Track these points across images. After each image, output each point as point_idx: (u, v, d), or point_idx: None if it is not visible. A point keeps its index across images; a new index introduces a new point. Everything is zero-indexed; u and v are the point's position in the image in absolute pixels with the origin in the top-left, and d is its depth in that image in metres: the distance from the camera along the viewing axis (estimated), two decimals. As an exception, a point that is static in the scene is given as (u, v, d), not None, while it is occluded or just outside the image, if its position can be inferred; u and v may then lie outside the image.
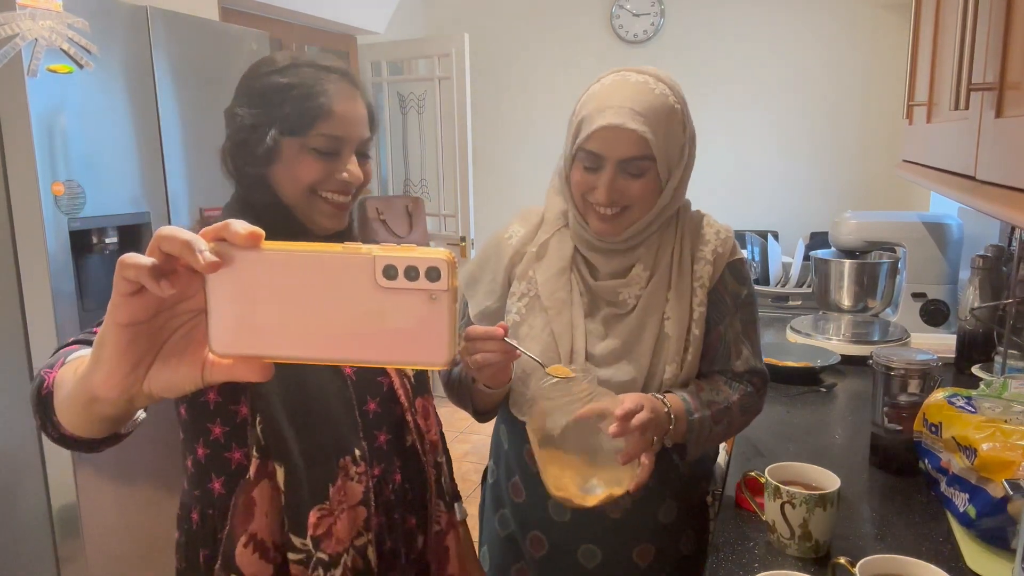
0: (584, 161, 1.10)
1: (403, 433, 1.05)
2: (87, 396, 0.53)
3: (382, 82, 4.17)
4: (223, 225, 0.43)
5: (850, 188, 3.79)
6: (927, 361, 1.45)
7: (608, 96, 1.08)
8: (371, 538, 0.97)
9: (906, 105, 1.68)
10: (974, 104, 0.94)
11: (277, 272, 0.43)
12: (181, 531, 1.00)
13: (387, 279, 0.42)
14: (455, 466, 1.24)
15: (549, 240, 1.20)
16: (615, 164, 1.07)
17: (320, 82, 0.95)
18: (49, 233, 1.73)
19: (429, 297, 0.43)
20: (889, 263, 2.14)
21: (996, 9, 0.88)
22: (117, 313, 0.46)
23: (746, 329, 1.20)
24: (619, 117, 1.05)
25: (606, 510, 1.12)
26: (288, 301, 0.43)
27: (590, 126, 1.07)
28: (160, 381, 0.48)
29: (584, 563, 1.21)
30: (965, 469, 1.08)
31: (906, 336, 1.98)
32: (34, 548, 1.87)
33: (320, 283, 0.43)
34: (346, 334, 0.43)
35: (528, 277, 1.19)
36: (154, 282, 0.43)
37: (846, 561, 0.89)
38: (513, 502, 1.26)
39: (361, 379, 1.01)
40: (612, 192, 1.08)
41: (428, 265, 0.42)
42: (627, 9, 3.99)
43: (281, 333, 0.44)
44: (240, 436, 0.94)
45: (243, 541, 0.90)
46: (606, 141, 1.06)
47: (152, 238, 0.44)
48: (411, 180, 4.44)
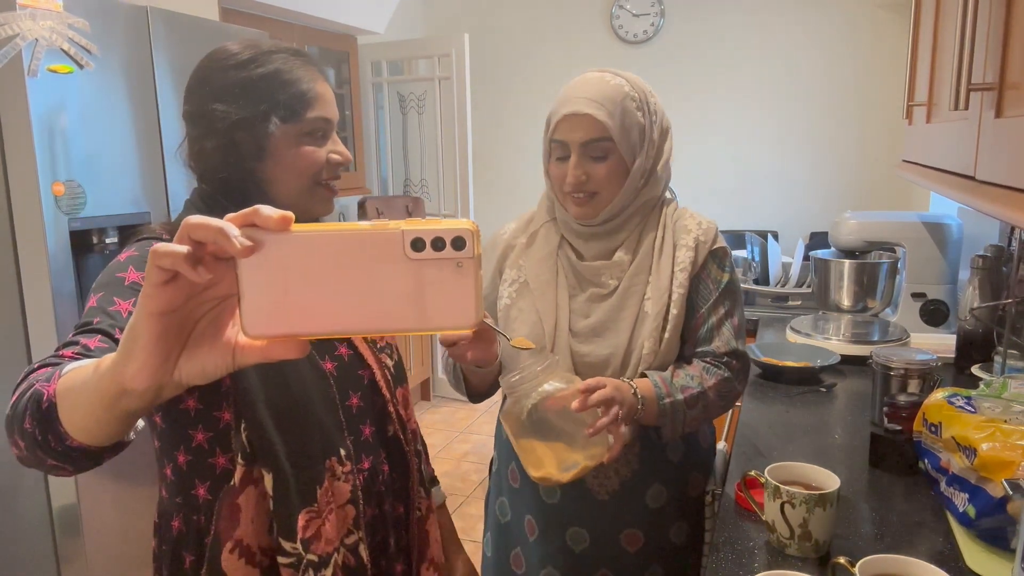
0: (556, 152, 1.22)
1: (386, 424, 1.06)
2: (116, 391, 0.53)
3: (382, 82, 4.17)
4: (252, 211, 0.45)
5: (850, 188, 3.79)
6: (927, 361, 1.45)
7: (570, 92, 1.21)
8: (362, 536, 0.96)
9: (906, 105, 1.68)
10: (974, 104, 0.94)
11: (308, 253, 0.45)
12: (160, 540, 0.98)
13: (415, 251, 0.45)
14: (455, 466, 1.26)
15: (538, 231, 1.32)
16: (578, 148, 1.19)
17: (295, 66, 0.95)
18: (49, 233, 1.73)
19: (456, 265, 0.45)
20: (889, 263, 2.14)
21: (996, 9, 0.88)
22: (151, 303, 0.47)
23: (728, 313, 1.25)
24: (577, 105, 1.17)
25: (593, 491, 1.23)
26: (320, 280, 0.45)
27: (555, 119, 1.20)
28: (191, 368, 0.49)
29: (572, 546, 1.27)
30: (965, 469, 1.08)
31: (906, 336, 1.98)
32: (34, 548, 1.87)
33: (351, 260, 0.45)
34: (378, 306, 0.46)
35: (518, 265, 1.30)
36: (191, 268, 0.44)
37: (846, 561, 0.89)
38: (511, 488, 1.33)
39: (343, 374, 1.00)
40: (578, 174, 1.19)
41: (454, 235, 0.45)
42: (627, 9, 3.99)
43: (314, 311, 0.46)
44: (224, 441, 0.92)
45: (229, 547, 0.89)
46: (569, 128, 1.19)
47: (180, 227, 0.45)
48: (411, 180, 4.44)
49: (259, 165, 0.95)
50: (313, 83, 0.95)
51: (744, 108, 3.90)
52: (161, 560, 0.98)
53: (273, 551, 0.91)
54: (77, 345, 0.78)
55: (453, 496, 3.19)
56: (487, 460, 3.76)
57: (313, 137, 0.95)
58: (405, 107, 4.36)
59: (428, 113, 4.22)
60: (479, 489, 3.23)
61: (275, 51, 0.95)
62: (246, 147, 0.93)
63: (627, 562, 1.27)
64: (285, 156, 0.94)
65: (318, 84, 0.96)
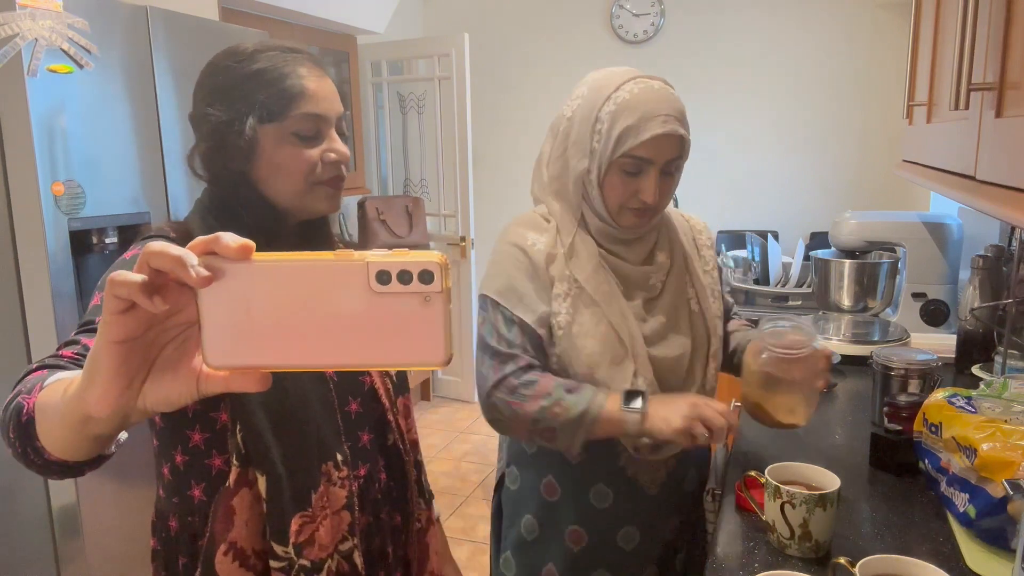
0: (626, 167, 1.16)
1: (385, 432, 1.05)
2: (80, 416, 0.53)
3: (382, 82, 4.17)
4: (213, 238, 0.43)
5: (850, 188, 3.79)
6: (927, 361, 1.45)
7: (649, 105, 1.14)
8: (356, 543, 0.96)
9: (906, 105, 1.68)
10: (974, 104, 0.94)
11: (270, 283, 0.44)
12: (157, 539, 0.98)
13: (380, 284, 0.43)
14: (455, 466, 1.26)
15: (574, 240, 1.24)
16: (661, 166, 1.16)
17: (288, 63, 0.92)
18: (49, 233, 1.73)
19: (423, 299, 0.43)
20: (889, 263, 2.14)
21: (996, 9, 0.88)
22: (110, 331, 0.46)
23: None
24: (670, 125, 1.13)
25: (644, 486, 1.26)
26: (282, 310, 0.44)
27: (640, 135, 1.13)
28: (155, 396, 0.49)
29: (624, 546, 1.28)
30: (965, 469, 1.08)
31: (906, 336, 1.98)
32: (34, 548, 1.87)
33: (314, 291, 0.43)
34: (342, 340, 0.44)
35: (566, 277, 1.22)
36: (147, 299, 0.43)
37: (846, 561, 0.89)
38: (546, 502, 1.29)
39: (343, 379, 0.99)
40: (656, 193, 1.17)
41: (421, 268, 0.43)
42: (627, 9, 3.99)
43: (276, 342, 0.44)
44: (220, 443, 0.92)
45: (223, 549, 0.89)
46: (657, 148, 1.14)
47: (140, 255, 0.44)
48: (411, 180, 4.44)
49: (250, 167, 0.93)
50: (301, 79, 0.92)
51: (744, 108, 3.90)
52: (158, 560, 0.98)
53: (267, 555, 0.90)
54: (78, 344, 0.78)
55: (453, 496, 3.19)
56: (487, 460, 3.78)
57: (302, 136, 0.93)
58: (405, 107, 4.36)
59: (428, 113, 4.22)
60: (479, 489, 3.23)
61: (264, 50, 0.93)
62: (233, 150, 0.92)
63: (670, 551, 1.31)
64: (273, 157, 0.92)
65: (309, 80, 0.93)
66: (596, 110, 1.17)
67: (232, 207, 0.94)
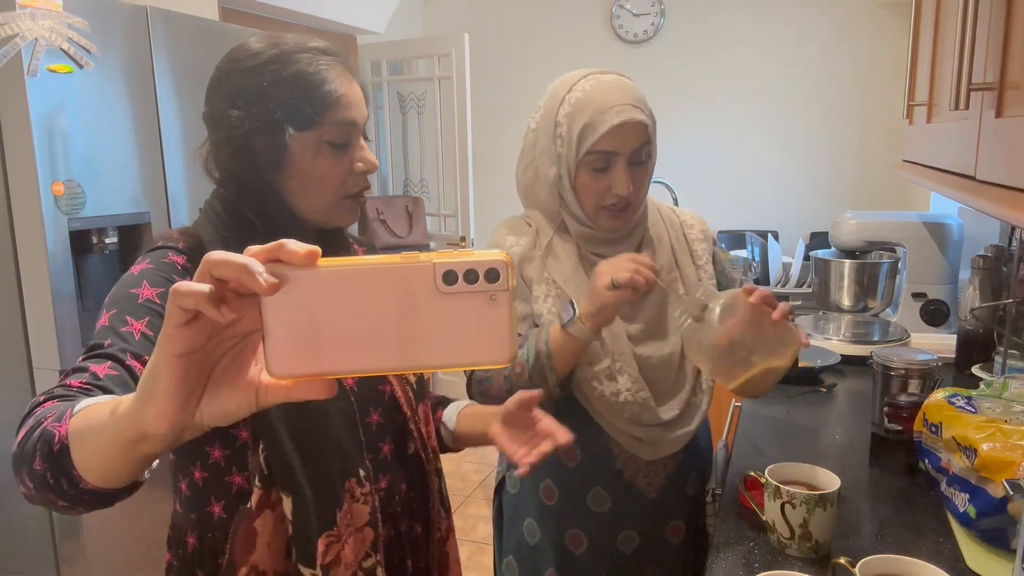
0: (593, 164, 1.15)
1: (406, 441, 1.02)
2: (133, 435, 0.51)
3: (382, 82, 4.17)
4: (277, 246, 0.43)
5: (850, 188, 3.79)
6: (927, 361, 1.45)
7: (602, 98, 1.14)
8: (379, 559, 0.93)
9: (906, 105, 1.68)
10: (974, 104, 0.93)
11: (335, 288, 0.43)
12: (174, 554, 0.95)
13: (447, 284, 0.43)
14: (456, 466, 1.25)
15: (551, 242, 1.25)
16: (626, 157, 1.14)
17: (320, 66, 0.88)
18: (49, 233, 1.73)
19: (489, 298, 0.43)
20: (889, 263, 2.14)
21: (996, 9, 0.88)
22: (172, 344, 0.45)
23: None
24: (626, 113, 1.12)
25: (643, 490, 1.25)
26: (348, 316, 0.43)
27: (599, 128, 1.13)
28: (213, 409, 0.48)
29: (623, 549, 1.28)
30: (965, 469, 1.08)
31: (906, 336, 1.98)
32: (34, 548, 1.87)
33: (380, 295, 0.43)
34: (408, 342, 0.44)
35: (545, 279, 1.23)
36: (214, 308, 0.43)
37: (846, 561, 0.89)
38: (544, 506, 1.29)
39: (363, 389, 0.96)
40: (629, 184, 1.15)
41: (488, 267, 0.43)
42: (627, 9, 3.99)
43: (342, 348, 0.44)
44: (241, 460, 0.89)
45: (243, 572, 0.86)
46: (619, 138, 1.13)
47: (201, 264, 0.43)
48: (411, 180, 4.44)
49: (277, 176, 0.89)
50: (336, 83, 0.88)
51: (744, 108, 3.90)
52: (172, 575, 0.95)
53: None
54: (86, 372, 0.75)
55: (453, 496, 3.19)
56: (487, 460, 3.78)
57: (335, 144, 0.89)
58: (405, 107, 4.36)
59: (428, 113, 4.22)
60: (479, 489, 3.23)
61: (298, 51, 0.88)
62: (263, 157, 0.88)
63: (670, 553, 1.30)
64: (304, 167, 0.89)
65: (342, 84, 0.89)
66: (554, 115, 1.19)
67: (250, 216, 0.90)
